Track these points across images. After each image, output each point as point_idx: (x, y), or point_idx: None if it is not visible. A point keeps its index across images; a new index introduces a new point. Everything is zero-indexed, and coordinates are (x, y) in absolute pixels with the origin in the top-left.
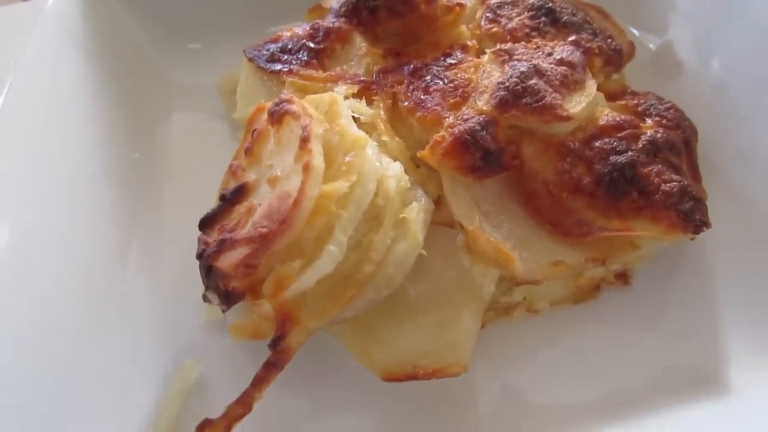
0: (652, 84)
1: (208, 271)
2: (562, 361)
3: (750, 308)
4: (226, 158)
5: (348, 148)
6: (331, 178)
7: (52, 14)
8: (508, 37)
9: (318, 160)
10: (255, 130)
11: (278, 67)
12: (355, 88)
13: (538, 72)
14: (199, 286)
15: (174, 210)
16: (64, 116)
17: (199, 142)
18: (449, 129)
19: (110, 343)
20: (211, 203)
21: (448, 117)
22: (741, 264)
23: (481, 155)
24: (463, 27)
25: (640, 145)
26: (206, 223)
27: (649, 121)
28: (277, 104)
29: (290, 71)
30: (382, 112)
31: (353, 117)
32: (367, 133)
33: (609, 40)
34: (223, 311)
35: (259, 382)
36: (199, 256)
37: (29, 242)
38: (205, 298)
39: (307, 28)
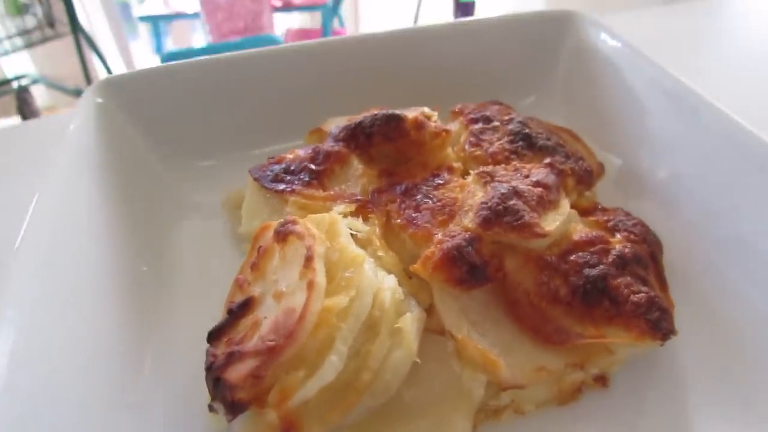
0: (619, 199)
1: (216, 382)
2: None
3: (717, 407)
4: (231, 271)
5: (347, 264)
6: (332, 293)
7: (73, 137)
8: (490, 160)
9: (321, 278)
10: (261, 246)
11: (282, 186)
12: (353, 207)
13: (516, 193)
14: (205, 397)
15: (182, 322)
16: (82, 234)
17: (205, 255)
18: (438, 245)
19: None
20: (217, 314)
21: (437, 233)
22: (708, 367)
23: (468, 269)
24: (449, 150)
25: (610, 259)
26: (214, 336)
27: (618, 236)
28: (282, 224)
29: (293, 191)
30: (377, 229)
31: (351, 234)
32: (363, 247)
33: (580, 162)
34: (229, 421)
35: None
36: (209, 369)
37: (42, 354)
38: (211, 408)
39: (309, 151)
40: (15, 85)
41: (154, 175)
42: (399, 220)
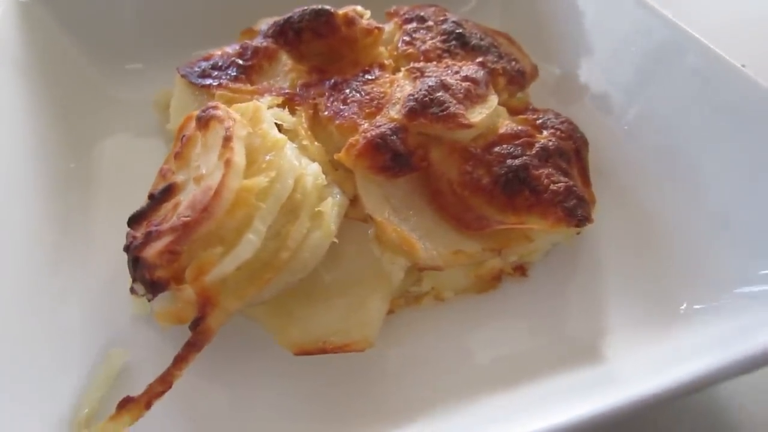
0: (554, 106)
1: (135, 262)
2: (463, 337)
3: (632, 296)
4: (159, 167)
5: (269, 148)
6: (253, 175)
7: None
8: (422, 58)
9: (239, 157)
10: (184, 135)
11: (209, 81)
12: (280, 100)
13: (444, 86)
14: (127, 282)
15: (107, 214)
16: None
17: (134, 153)
18: (363, 134)
19: (38, 339)
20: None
21: (364, 124)
22: (625, 260)
23: (391, 156)
24: (382, 48)
25: (534, 152)
26: (135, 220)
27: (545, 133)
28: (204, 110)
29: (219, 85)
30: (303, 120)
31: (276, 124)
32: (289, 139)
33: (513, 63)
34: (149, 300)
35: (179, 361)
36: (127, 249)
37: None
38: (132, 290)
39: (237, 48)
40: None
41: (84, 76)
42: (326, 113)
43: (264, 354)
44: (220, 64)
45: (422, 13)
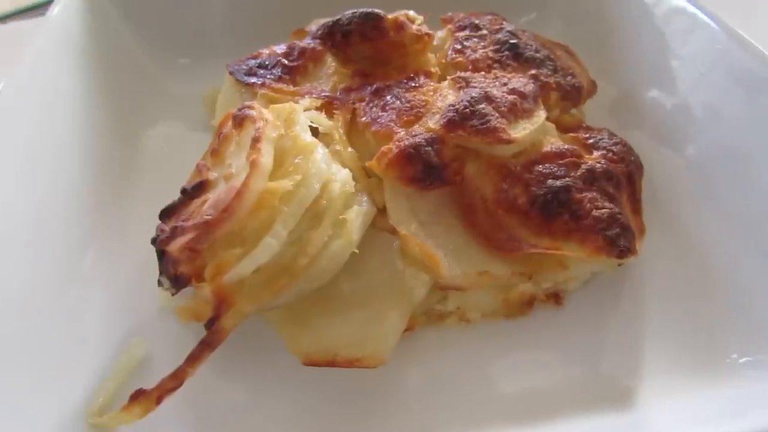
0: (612, 126)
1: (161, 255)
2: (487, 363)
3: (673, 339)
4: None
5: (298, 152)
6: (280, 178)
7: (55, 22)
8: (470, 67)
9: (266, 158)
10: (222, 133)
11: (253, 80)
12: (319, 102)
13: (488, 98)
14: (157, 275)
15: (143, 204)
16: (54, 113)
17: (178, 146)
18: (397, 142)
19: (61, 322)
20: None
21: (400, 132)
22: (671, 296)
23: (423, 168)
24: (430, 55)
25: (579, 173)
26: (166, 214)
27: (595, 153)
28: (240, 109)
29: (263, 84)
30: (340, 125)
31: (313, 127)
32: (324, 143)
33: (569, 77)
34: (173, 294)
35: (192, 359)
36: (154, 241)
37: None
38: (159, 283)
39: (284, 47)
40: None
41: (138, 66)
42: (364, 118)
43: (279, 359)
44: (266, 63)
45: (477, 21)
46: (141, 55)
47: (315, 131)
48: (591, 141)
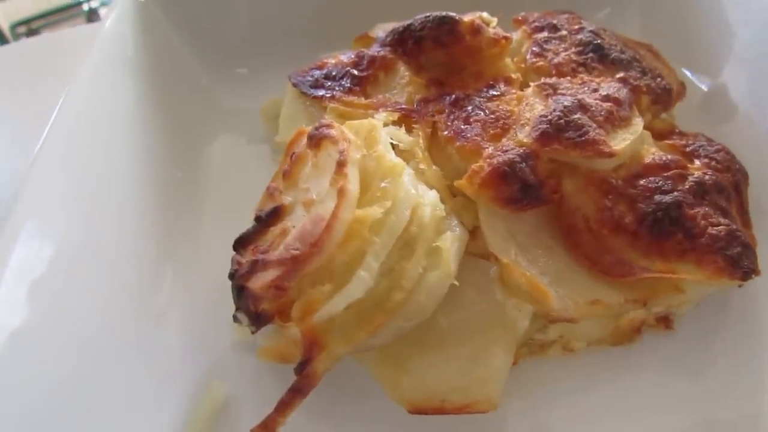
0: (702, 126)
1: (240, 291)
2: (597, 404)
3: None
4: (266, 181)
5: (384, 174)
6: (366, 204)
7: (109, 35)
8: (554, 72)
9: (353, 185)
10: (294, 153)
11: (321, 92)
12: (396, 116)
13: (582, 107)
14: (231, 307)
15: (212, 230)
16: (112, 134)
17: (241, 164)
18: (488, 159)
19: (139, 360)
20: (247, 224)
21: (488, 148)
22: None
23: (519, 187)
24: (508, 60)
25: (687, 186)
26: (240, 244)
27: (697, 163)
28: (316, 128)
29: (332, 97)
30: (421, 141)
31: (392, 144)
32: (405, 160)
33: (658, 79)
34: (252, 332)
35: (283, 407)
36: (232, 276)
37: (69, 254)
38: (235, 319)
39: (352, 56)
40: (85, 8)
41: (194, 79)
42: (446, 132)
43: (376, 404)
44: (333, 73)
45: (554, 21)
46: (196, 65)
47: (393, 148)
48: (690, 148)
